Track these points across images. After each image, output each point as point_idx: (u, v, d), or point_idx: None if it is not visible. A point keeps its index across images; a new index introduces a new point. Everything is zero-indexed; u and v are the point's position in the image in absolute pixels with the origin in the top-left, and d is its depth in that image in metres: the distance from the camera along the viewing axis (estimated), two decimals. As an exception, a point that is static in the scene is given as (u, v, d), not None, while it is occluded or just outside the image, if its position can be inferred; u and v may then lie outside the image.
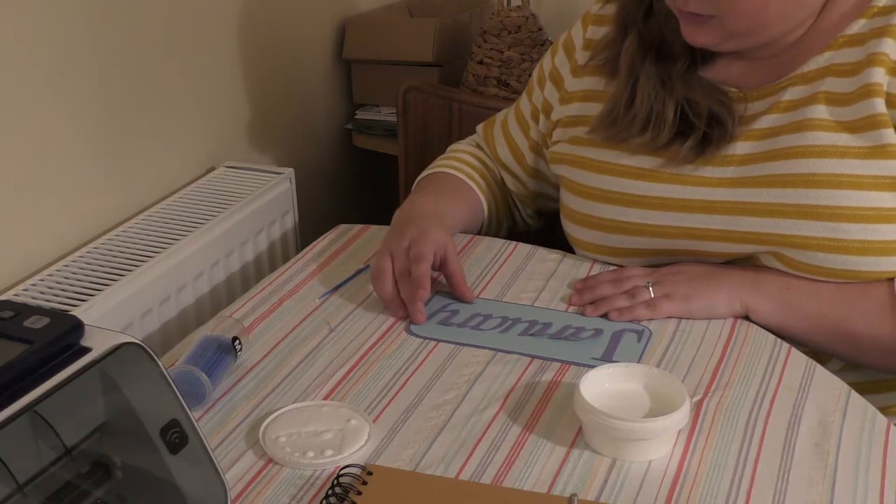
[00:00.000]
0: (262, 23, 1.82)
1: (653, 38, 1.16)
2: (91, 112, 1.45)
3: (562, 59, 1.30)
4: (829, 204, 1.05)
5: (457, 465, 0.89)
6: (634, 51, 1.17)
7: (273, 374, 1.03)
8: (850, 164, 1.05)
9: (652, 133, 1.14)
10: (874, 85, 1.05)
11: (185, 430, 0.76)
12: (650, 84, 1.14)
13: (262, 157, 1.87)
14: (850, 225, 1.05)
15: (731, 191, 1.11)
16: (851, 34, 1.09)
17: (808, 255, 1.07)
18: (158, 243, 1.45)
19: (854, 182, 1.05)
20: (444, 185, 1.33)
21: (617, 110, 1.17)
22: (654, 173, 1.15)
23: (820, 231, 1.06)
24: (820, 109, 1.08)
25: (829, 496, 0.84)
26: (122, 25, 1.48)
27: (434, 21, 2.00)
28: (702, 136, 1.12)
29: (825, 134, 1.07)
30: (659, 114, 1.13)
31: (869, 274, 1.06)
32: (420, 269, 1.11)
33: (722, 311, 1.11)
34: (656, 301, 1.11)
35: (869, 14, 1.09)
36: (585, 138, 1.22)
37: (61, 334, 0.70)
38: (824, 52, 1.10)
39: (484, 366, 1.04)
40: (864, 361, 1.11)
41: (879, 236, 1.05)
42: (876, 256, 1.05)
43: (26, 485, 0.68)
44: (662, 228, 1.15)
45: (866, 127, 1.05)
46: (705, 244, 1.14)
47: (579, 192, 1.21)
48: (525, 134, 1.35)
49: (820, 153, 1.06)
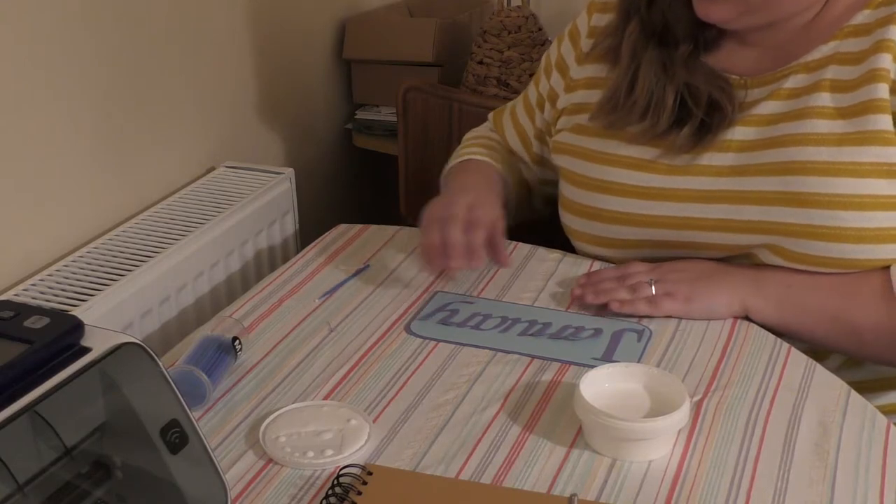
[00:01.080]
0: (262, 23, 1.82)
1: (655, 24, 1.16)
2: (91, 112, 1.45)
3: (567, 48, 1.31)
4: (825, 191, 1.06)
5: (457, 465, 0.89)
6: (637, 37, 1.17)
7: (273, 374, 1.03)
8: (847, 152, 1.06)
9: (651, 120, 1.14)
10: (880, 70, 1.06)
11: (185, 430, 0.76)
12: (651, 70, 1.15)
13: (262, 157, 1.86)
14: (847, 213, 1.05)
15: (731, 179, 1.11)
16: (857, 24, 1.10)
17: (805, 244, 1.07)
18: (158, 243, 1.45)
19: (850, 169, 1.05)
20: (482, 168, 1.34)
21: (618, 96, 1.17)
22: (652, 164, 1.16)
23: (817, 219, 1.06)
24: (823, 97, 1.08)
25: (829, 496, 0.84)
26: (121, 25, 1.48)
27: (434, 21, 2.00)
28: (699, 124, 1.12)
29: (823, 122, 1.07)
30: (659, 100, 1.14)
31: (866, 262, 1.06)
32: (478, 235, 1.13)
33: (722, 311, 1.11)
34: (657, 298, 1.11)
35: (874, 5, 1.10)
36: (587, 126, 1.22)
37: (61, 334, 0.70)
38: (829, 42, 1.11)
39: (484, 366, 1.04)
40: (866, 354, 1.11)
41: (876, 224, 1.05)
42: (873, 244, 1.05)
43: (26, 485, 0.68)
44: (661, 219, 1.15)
45: (861, 112, 1.06)
46: (704, 234, 1.14)
47: (578, 182, 1.22)
48: (532, 121, 1.37)
49: (817, 141, 1.07)
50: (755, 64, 1.15)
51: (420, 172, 1.75)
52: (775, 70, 1.13)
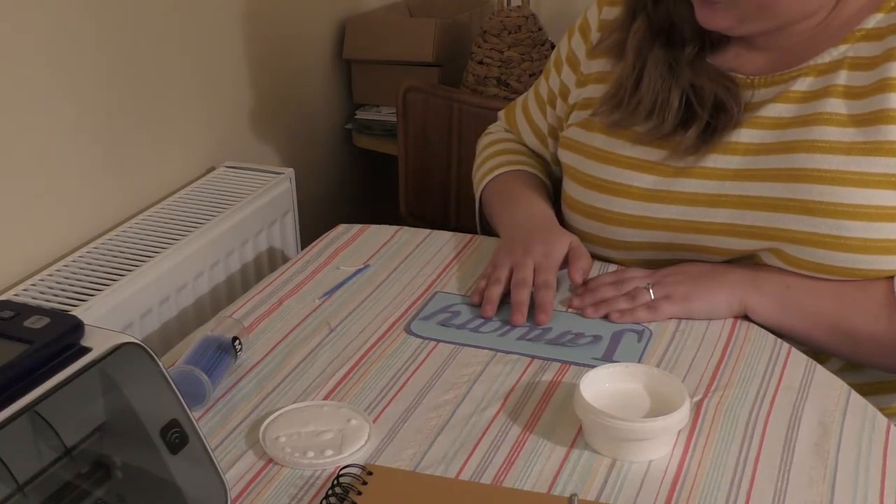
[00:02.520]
0: (262, 23, 1.82)
1: (661, 22, 1.16)
2: (91, 112, 1.45)
3: (578, 42, 1.30)
4: (831, 200, 1.05)
5: (457, 465, 0.89)
6: (643, 35, 1.17)
7: (273, 374, 1.03)
8: (856, 161, 1.05)
9: (656, 120, 1.14)
10: (891, 80, 1.05)
11: (185, 430, 0.76)
12: (657, 70, 1.14)
13: (262, 157, 1.87)
14: (853, 222, 1.04)
15: (737, 184, 1.11)
16: (869, 28, 1.08)
17: (810, 251, 1.07)
18: (158, 243, 1.45)
19: (857, 179, 1.04)
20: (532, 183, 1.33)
21: (622, 93, 1.17)
22: (657, 166, 1.15)
23: (822, 228, 1.05)
24: (834, 103, 1.07)
25: (829, 496, 0.84)
26: (122, 25, 1.48)
27: (434, 21, 2.00)
28: (705, 125, 1.12)
29: (833, 129, 1.06)
30: (664, 101, 1.13)
31: (869, 272, 1.06)
32: (548, 295, 1.12)
33: (722, 310, 1.10)
34: (656, 303, 1.11)
35: (886, 8, 1.08)
36: (594, 122, 1.21)
37: (61, 334, 0.70)
38: (839, 45, 1.09)
39: (484, 366, 1.03)
40: (863, 360, 1.11)
41: (882, 234, 1.04)
42: (877, 255, 1.05)
43: (26, 485, 0.68)
44: (665, 222, 1.15)
45: (872, 121, 1.05)
46: (708, 238, 1.13)
47: (582, 181, 1.21)
48: (545, 118, 1.36)
49: (825, 149, 1.06)
50: (763, 66, 1.14)
51: (420, 172, 1.75)
52: (783, 71, 1.12)
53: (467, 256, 1.26)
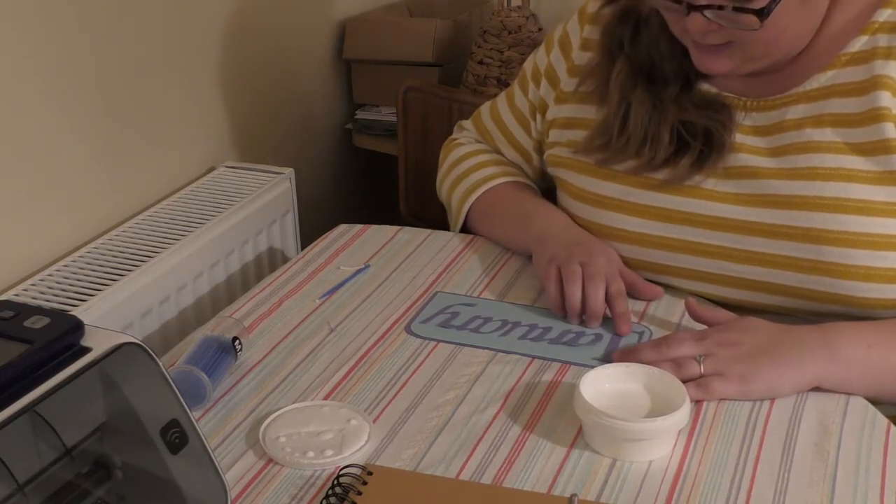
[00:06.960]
0: (261, 23, 1.82)
1: (642, 62, 1.13)
2: (91, 112, 1.45)
3: (557, 57, 1.27)
4: (835, 228, 1.03)
5: (457, 465, 0.89)
6: (625, 77, 1.14)
7: (273, 374, 1.03)
8: (859, 189, 1.03)
9: (648, 154, 1.12)
10: (882, 109, 1.02)
11: (185, 430, 0.77)
12: (643, 109, 1.12)
13: (262, 157, 1.86)
14: (857, 251, 1.02)
15: (736, 208, 1.09)
16: (854, 52, 1.06)
17: (814, 279, 1.05)
18: (158, 243, 1.45)
19: (862, 207, 1.03)
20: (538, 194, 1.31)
21: (609, 135, 1.14)
22: (652, 181, 1.13)
23: (826, 256, 1.03)
24: (827, 132, 1.05)
25: (830, 496, 0.84)
26: (121, 26, 1.48)
27: (434, 21, 2.00)
28: (699, 153, 1.10)
29: (833, 156, 1.05)
30: (654, 135, 1.11)
31: (874, 301, 1.03)
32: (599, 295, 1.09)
33: (786, 391, 0.97)
34: (708, 381, 0.97)
35: (870, 30, 1.06)
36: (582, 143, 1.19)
37: (61, 334, 0.70)
38: (827, 71, 1.07)
39: (484, 366, 1.04)
40: None
41: (886, 263, 1.02)
42: (881, 283, 1.02)
43: (26, 485, 0.68)
44: (662, 240, 1.13)
45: (878, 151, 1.03)
46: (705, 261, 1.11)
47: (578, 195, 1.20)
48: (528, 133, 1.33)
49: (827, 176, 1.04)
50: (752, 88, 1.12)
51: (420, 172, 1.75)
52: (774, 97, 1.10)
53: (468, 256, 1.26)
